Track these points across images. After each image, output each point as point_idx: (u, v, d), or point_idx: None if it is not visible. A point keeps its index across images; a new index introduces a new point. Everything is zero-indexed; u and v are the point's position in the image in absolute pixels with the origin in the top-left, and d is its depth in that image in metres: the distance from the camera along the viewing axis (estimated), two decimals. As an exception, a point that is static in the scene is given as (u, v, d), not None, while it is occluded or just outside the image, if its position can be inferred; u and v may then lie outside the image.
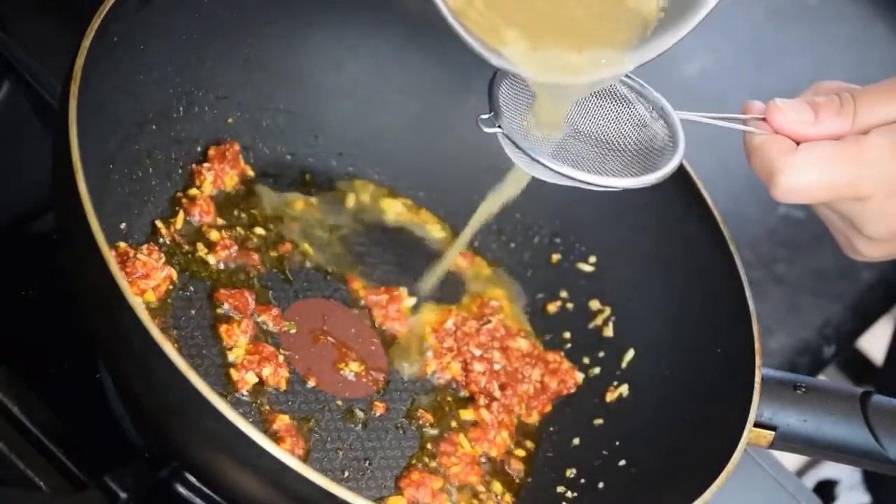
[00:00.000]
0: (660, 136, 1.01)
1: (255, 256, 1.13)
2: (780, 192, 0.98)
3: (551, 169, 0.99)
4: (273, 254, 1.14)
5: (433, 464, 1.09)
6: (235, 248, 1.12)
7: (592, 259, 1.20)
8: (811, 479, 1.91)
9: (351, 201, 1.21)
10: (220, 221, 1.13)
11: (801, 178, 0.98)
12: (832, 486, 1.91)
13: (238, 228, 1.14)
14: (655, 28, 0.95)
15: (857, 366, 2.04)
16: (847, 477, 1.90)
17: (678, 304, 1.14)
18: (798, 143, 0.99)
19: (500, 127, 1.00)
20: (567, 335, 1.19)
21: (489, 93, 1.01)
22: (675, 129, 1.01)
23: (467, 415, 1.13)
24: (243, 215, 1.15)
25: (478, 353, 1.15)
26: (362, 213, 1.21)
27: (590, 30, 0.95)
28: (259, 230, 1.15)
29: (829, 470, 1.92)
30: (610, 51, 0.96)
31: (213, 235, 1.12)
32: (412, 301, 1.16)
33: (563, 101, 1.01)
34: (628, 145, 1.02)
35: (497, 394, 1.13)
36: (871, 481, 1.88)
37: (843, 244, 1.06)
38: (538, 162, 0.99)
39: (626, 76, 1.01)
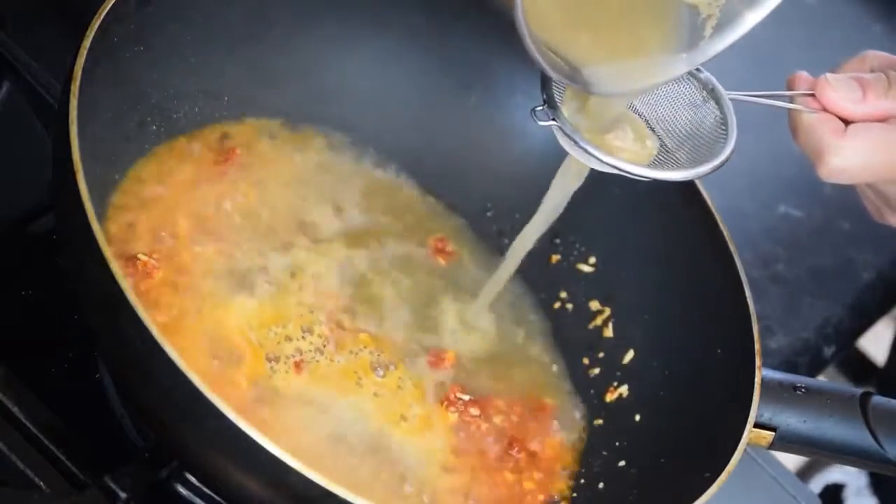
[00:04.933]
0: (709, 118, 1.01)
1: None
2: (827, 171, 0.99)
3: (607, 163, 0.98)
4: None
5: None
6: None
7: (592, 260, 1.20)
8: (817, 483, 1.91)
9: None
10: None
11: (849, 161, 0.98)
12: (839, 489, 1.91)
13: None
14: (715, 26, 0.95)
15: (857, 366, 2.04)
16: (854, 480, 1.90)
17: (678, 304, 1.14)
18: (845, 121, 0.99)
19: (554, 120, 0.98)
20: (567, 336, 1.19)
21: (542, 82, 0.99)
22: (727, 110, 1.01)
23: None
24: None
25: (466, 397, 1.10)
26: None
27: (648, 35, 0.96)
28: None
29: (836, 474, 1.91)
30: (667, 54, 0.96)
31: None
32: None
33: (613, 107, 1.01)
34: (678, 128, 1.02)
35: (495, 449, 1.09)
36: (878, 485, 1.88)
37: (873, 212, 1.07)
38: (594, 156, 0.97)
39: None
